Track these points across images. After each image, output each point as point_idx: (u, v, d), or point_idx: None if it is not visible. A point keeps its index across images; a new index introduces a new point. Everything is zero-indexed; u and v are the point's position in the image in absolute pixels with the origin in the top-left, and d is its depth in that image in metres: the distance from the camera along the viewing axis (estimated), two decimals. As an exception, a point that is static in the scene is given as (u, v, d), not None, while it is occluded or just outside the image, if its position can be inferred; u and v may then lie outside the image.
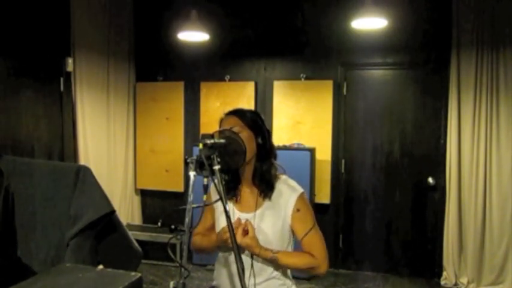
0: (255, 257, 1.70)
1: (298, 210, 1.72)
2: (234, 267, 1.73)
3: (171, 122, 5.13)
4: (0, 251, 1.97)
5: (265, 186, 1.74)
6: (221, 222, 1.77)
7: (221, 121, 1.78)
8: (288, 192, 1.75)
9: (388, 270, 4.63)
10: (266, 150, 1.76)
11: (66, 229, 1.84)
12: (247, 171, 1.76)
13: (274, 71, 4.88)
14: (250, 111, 1.83)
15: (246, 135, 1.69)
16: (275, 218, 1.73)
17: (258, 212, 1.73)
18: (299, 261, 1.72)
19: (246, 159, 1.66)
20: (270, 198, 1.74)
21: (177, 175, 5.12)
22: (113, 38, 4.80)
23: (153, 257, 4.73)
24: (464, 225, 4.25)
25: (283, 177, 1.81)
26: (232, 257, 1.67)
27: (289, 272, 1.84)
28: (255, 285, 1.69)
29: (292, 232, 1.76)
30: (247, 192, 1.79)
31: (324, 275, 1.79)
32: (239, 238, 1.62)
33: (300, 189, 1.77)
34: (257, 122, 1.77)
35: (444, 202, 4.36)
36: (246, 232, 1.66)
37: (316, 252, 1.73)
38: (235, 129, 1.69)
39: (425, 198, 4.52)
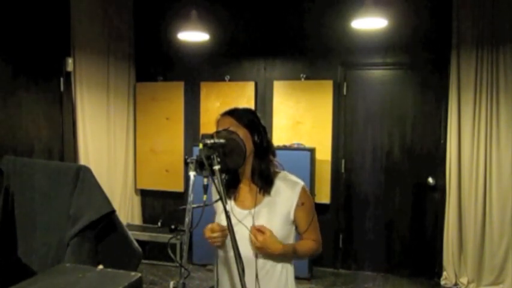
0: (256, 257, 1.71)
1: (302, 203, 1.74)
2: (234, 268, 1.73)
3: (171, 122, 5.13)
4: (0, 251, 1.97)
5: (265, 183, 1.75)
6: (222, 221, 1.77)
7: (217, 122, 1.79)
8: (289, 187, 1.75)
9: (388, 270, 4.63)
10: (263, 148, 1.76)
11: (66, 229, 1.84)
12: (246, 169, 1.76)
13: (274, 71, 4.88)
14: (244, 110, 1.82)
15: (242, 134, 1.69)
16: (275, 213, 1.73)
17: (258, 208, 1.73)
18: (309, 249, 1.80)
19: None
20: (269, 193, 1.74)
21: (177, 175, 5.12)
22: (113, 38, 4.80)
23: (153, 257, 4.73)
24: (464, 225, 4.25)
25: (283, 172, 1.81)
26: (232, 257, 1.67)
27: (292, 271, 1.84)
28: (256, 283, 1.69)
29: (295, 223, 1.78)
30: (246, 189, 1.79)
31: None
32: (257, 240, 1.66)
33: (301, 182, 1.77)
34: (252, 120, 1.77)
35: (444, 202, 4.36)
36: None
37: (315, 237, 1.81)
38: (231, 129, 1.69)
39: (425, 198, 4.52)
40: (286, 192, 1.74)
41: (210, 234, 1.68)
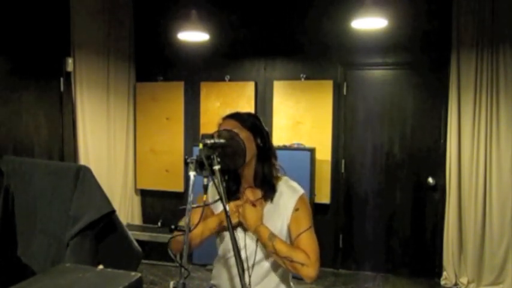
0: (256, 254, 1.71)
1: (297, 209, 1.72)
2: (233, 268, 1.73)
3: (171, 122, 5.13)
4: (0, 251, 1.97)
5: (267, 188, 1.75)
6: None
7: (219, 126, 1.79)
8: (288, 193, 1.75)
9: (388, 270, 4.63)
10: (266, 151, 1.76)
11: (66, 229, 1.84)
12: (248, 173, 1.75)
13: (274, 71, 4.88)
14: (247, 114, 1.84)
15: (245, 136, 1.69)
16: (276, 220, 1.73)
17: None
18: (293, 252, 1.64)
19: (246, 160, 1.66)
20: (272, 200, 1.74)
21: (177, 175, 5.12)
22: (113, 38, 4.80)
23: (153, 257, 4.73)
24: (464, 225, 4.25)
25: (284, 178, 1.81)
26: (232, 258, 1.67)
27: (290, 277, 1.84)
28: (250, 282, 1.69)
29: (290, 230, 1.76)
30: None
31: (311, 280, 1.64)
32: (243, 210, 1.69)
33: (301, 190, 1.77)
34: (255, 123, 1.78)
35: (444, 202, 4.36)
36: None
37: (309, 253, 1.66)
38: (235, 130, 1.69)
39: (425, 198, 4.52)
40: (286, 198, 1.74)
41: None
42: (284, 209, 1.73)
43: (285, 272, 1.79)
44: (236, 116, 1.78)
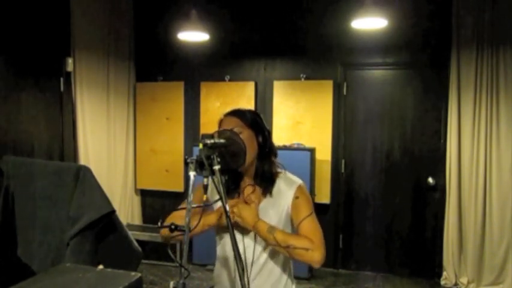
0: (255, 250, 1.71)
1: (296, 197, 1.73)
2: (233, 268, 1.73)
3: (171, 122, 5.13)
4: (0, 251, 1.97)
5: (267, 184, 1.75)
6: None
7: (220, 122, 1.78)
8: (287, 185, 1.76)
9: (388, 270, 4.63)
10: (267, 149, 1.76)
11: (66, 229, 1.84)
12: (250, 171, 1.76)
13: (274, 71, 4.88)
14: (249, 111, 1.83)
15: (247, 135, 1.69)
16: (275, 213, 1.73)
17: (260, 208, 1.74)
18: (295, 239, 1.64)
19: (249, 159, 1.67)
20: (271, 193, 1.75)
21: (177, 175, 5.12)
22: (113, 38, 4.80)
23: (153, 257, 4.73)
24: (464, 225, 4.25)
25: (283, 172, 1.82)
26: (231, 257, 1.67)
27: (291, 269, 1.84)
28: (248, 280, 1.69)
29: (291, 221, 1.76)
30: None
31: (318, 265, 1.63)
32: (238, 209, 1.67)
33: (299, 181, 1.78)
34: (257, 121, 1.78)
35: (444, 202, 4.36)
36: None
37: (313, 238, 1.65)
38: (236, 129, 1.69)
39: (425, 198, 4.52)
40: (285, 190, 1.75)
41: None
42: (284, 201, 1.73)
43: (285, 268, 1.79)
44: (238, 114, 1.77)
